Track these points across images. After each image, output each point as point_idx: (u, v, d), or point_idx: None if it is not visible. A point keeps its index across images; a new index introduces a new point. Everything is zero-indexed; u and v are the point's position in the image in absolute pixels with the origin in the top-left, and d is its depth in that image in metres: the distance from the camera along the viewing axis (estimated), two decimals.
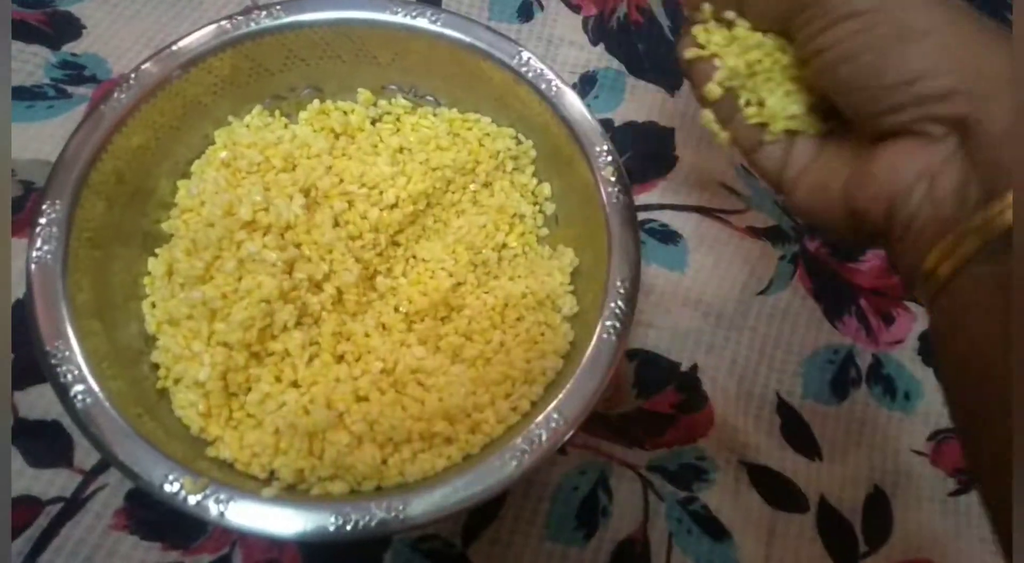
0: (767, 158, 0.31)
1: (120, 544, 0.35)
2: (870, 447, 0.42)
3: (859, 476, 0.41)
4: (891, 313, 0.46)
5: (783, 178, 0.30)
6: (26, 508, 0.36)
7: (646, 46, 0.52)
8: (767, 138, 0.31)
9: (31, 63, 0.46)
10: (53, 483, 0.36)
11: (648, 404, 0.41)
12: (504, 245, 0.41)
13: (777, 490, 0.40)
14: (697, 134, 0.49)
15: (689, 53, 0.31)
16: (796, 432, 0.42)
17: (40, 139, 0.44)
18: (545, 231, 0.41)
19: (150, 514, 0.36)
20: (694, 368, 0.43)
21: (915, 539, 0.40)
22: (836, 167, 0.28)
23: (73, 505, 0.36)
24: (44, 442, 0.37)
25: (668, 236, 0.46)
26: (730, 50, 0.31)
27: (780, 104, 0.30)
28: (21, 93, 0.45)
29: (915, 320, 0.45)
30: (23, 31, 0.47)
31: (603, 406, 0.41)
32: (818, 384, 0.43)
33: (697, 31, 0.31)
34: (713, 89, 0.31)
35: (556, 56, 0.51)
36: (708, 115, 0.32)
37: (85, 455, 0.37)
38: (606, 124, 0.49)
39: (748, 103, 0.31)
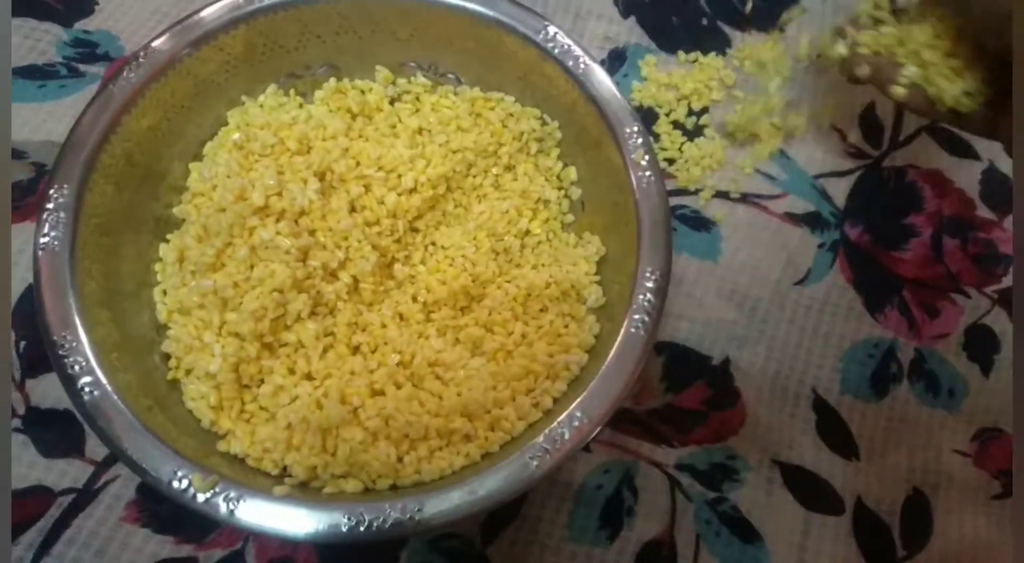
0: (975, 124, 0.36)
1: (132, 537, 0.35)
2: (910, 447, 0.40)
3: (898, 477, 0.39)
4: (935, 305, 0.43)
5: (996, 135, 0.36)
6: (38, 499, 0.35)
7: (680, 18, 0.50)
8: (963, 111, 0.36)
9: (43, 41, 0.45)
10: (65, 474, 0.36)
11: (677, 400, 0.40)
12: (527, 232, 0.39)
13: (811, 491, 0.38)
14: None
15: (860, 71, 0.38)
16: (832, 430, 0.40)
17: (52, 119, 0.43)
18: (570, 217, 0.40)
19: (162, 507, 0.35)
20: (726, 362, 0.41)
21: (956, 544, 0.38)
22: None
23: (85, 496, 0.35)
24: (56, 431, 0.36)
25: (700, 223, 0.44)
26: (901, 52, 0.37)
27: (954, 90, 0.35)
28: (33, 72, 0.44)
29: (962, 313, 0.43)
30: (35, 8, 0.46)
31: (630, 401, 0.39)
32: (857, 380, 0.41)
33: (863, 37, 0.38)
34: (897, 91, 0.37)
35: (584, 30, 0.49)
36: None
37: (97, 445, 0.36)
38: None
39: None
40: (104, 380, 0.30)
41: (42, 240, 0.32)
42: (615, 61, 0.48)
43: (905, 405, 0.41)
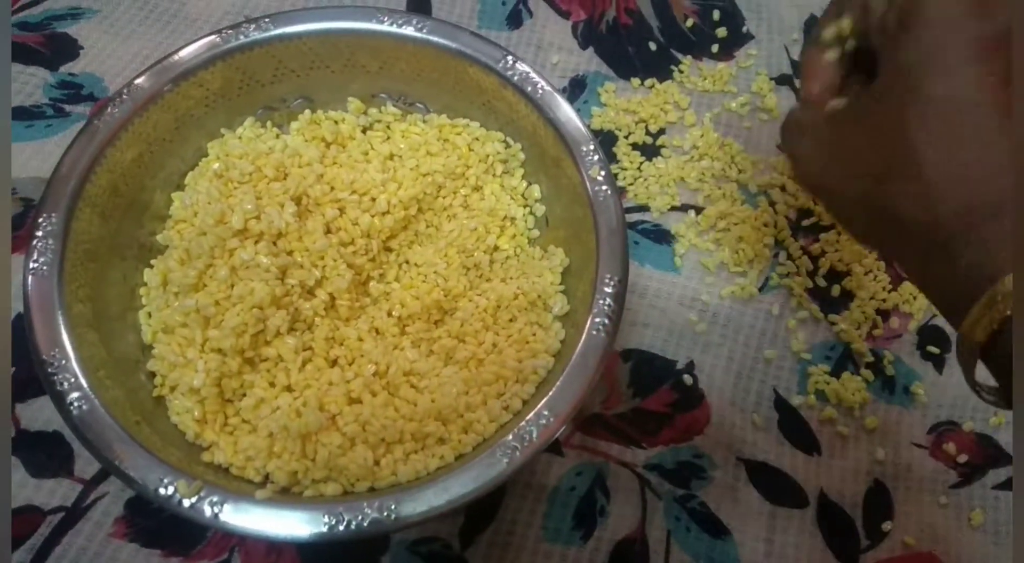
0: None
1: (120, 552, 0.36)
2: (869, 441, 0.42)
3: (859, 470, 0.41)
4: (888, 309, 0.45)
5: None
6: (28, 518, 0.36)
7: (636, 48, 0.53)
8: None
9: (30, 84, 0.47)
10: (54, 493, 0.37)
11: (644, 404, 0.41)
12: (496, 248, 0.41)
13: (776, 486, 0.40)
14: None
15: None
16: (794, 428, 0.42)
17: (39, 157, 0.45)
18: (536, 232, 0.42)
19: (150, 522, 0.36)
20: (690, 366, 0.42)
21: (916, 531, 0.39)
22: None
23: (74, 514, 0.36)
24: (45, 453, 0.37)
25: (661, 236, 0.46)
26: None
27: None
28: (20, 113, 0.46)
29: (912, 315, 0.45)
30: (23, 53, 0.48)
31: (600, 407, 0.41)
32: (816, 379, 0.43)
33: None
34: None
35: (546, 61, 0.51)
36: None
37: (86, 465, 0.37)
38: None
39: None
40: (92, 395, 0.32)
41: (32, 265, 0.34)
42: (576, 89, 0.51)
43: (863, 402, 0.43)
